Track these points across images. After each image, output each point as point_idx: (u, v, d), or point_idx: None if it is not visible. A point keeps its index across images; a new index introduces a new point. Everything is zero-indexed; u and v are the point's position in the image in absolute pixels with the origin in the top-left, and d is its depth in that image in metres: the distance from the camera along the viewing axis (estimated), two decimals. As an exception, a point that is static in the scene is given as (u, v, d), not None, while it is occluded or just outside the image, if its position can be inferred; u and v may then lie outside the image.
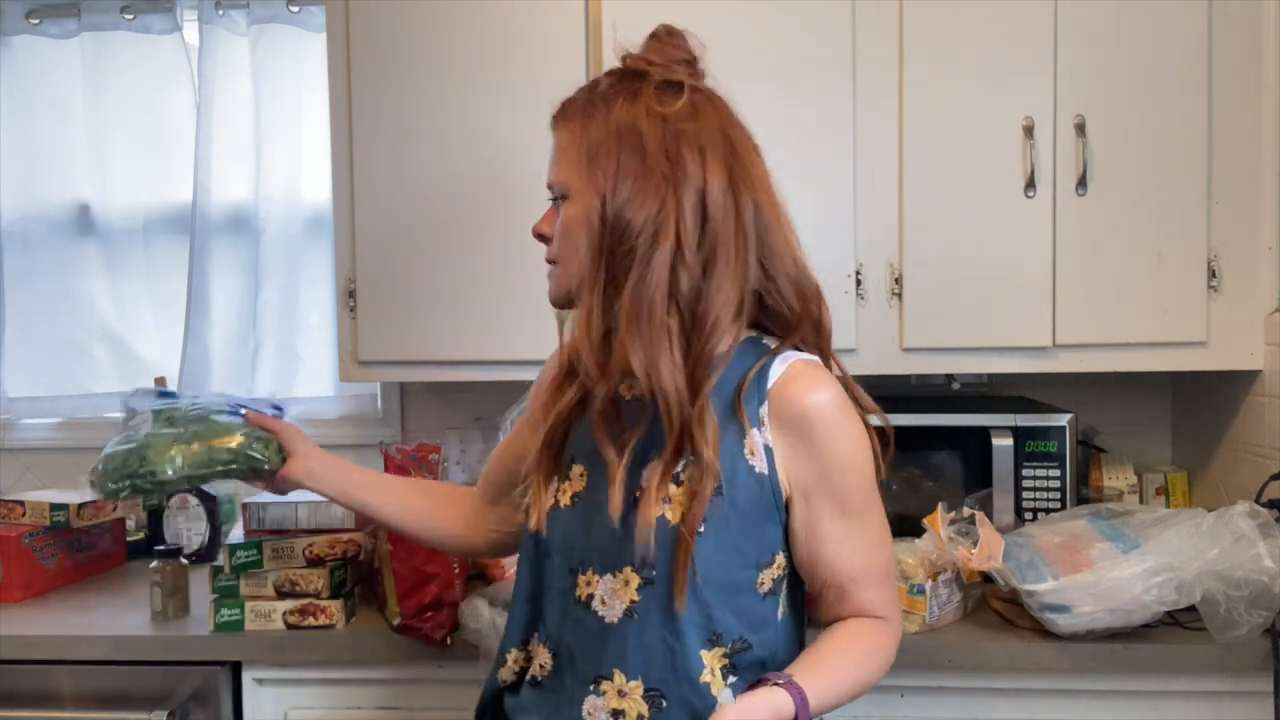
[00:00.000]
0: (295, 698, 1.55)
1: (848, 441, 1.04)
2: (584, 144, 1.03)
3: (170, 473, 1.21)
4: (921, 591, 1.45)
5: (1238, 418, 1.73)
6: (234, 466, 1.23)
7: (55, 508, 1.77)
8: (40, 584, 1.76)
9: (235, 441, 1.23)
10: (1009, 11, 1.63)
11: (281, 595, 1.53)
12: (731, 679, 1.02)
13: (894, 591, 1.11)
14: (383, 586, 1.57)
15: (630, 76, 1.07)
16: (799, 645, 1.10)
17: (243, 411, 1.26)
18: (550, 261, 1.09)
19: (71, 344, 2.22)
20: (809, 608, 1.15)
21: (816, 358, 1.07)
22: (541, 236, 1.10)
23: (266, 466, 1.23)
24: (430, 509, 1.29)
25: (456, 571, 1.50)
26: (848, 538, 1.05)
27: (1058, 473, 1.66)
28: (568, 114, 1.08)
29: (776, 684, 0.96)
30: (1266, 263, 1.62)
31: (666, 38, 1.09)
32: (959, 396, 1.91)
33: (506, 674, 1.12)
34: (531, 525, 1.09)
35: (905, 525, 1.54)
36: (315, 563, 1.53)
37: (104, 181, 2.19)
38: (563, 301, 1.09)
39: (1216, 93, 1.61)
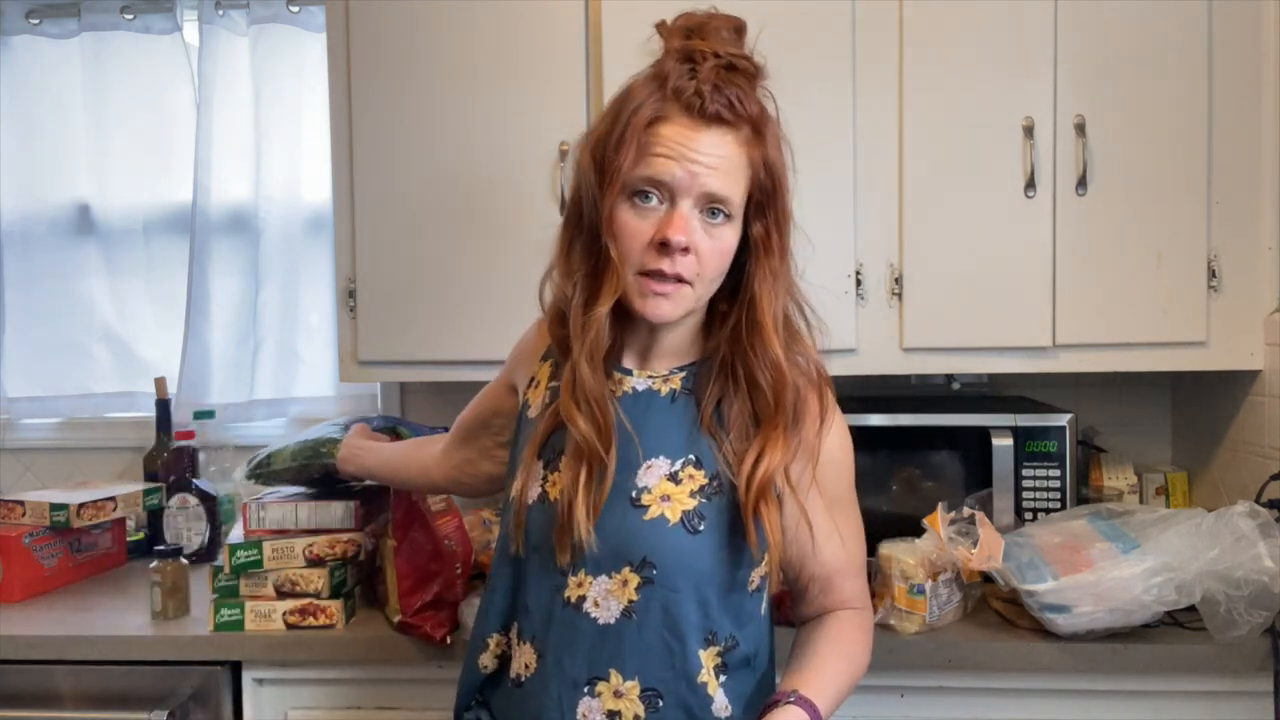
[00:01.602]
0: (295, 698, 1.55)
1: (841, 439, 1.10)
2: (758, 167, 1.00)
3: (275, 465, 1.58)
4: (921, 591, 1.45)
5: (1238, 418, 1.73)
6: (309, 460, 1.54)
7: (55, 508, 1.77)
8: (40, 584, 1.76)
9: (312, 443, 1.56)
10: (1009, 11, 1.63)
11: (281, 595, 1.53)
12: (723, 678, 1.03)
13: (866, 581, 1.16)
14: (384, 584, 1.57)
15: (750, 79, 1.00)
16: (771, 639, 1.12)
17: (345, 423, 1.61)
18: (677, 280, 0.99)
19: (71, 344, 2.22)
20: (787, 606, 1.18)
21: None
22: (685, 250, 0.97)
23: (329, 460, 1.52)
24: (410, 457, 1.45)
25: (458, 571, 1.50)
26: (835, 532, 1.10)
27: (1058, 473, 1.66)
28: (738, 115, 0.97)
29: (789, 702, 0.98)
30: (1266, 263, 1.62)
31: (741, 36, 1.03)
32: (959, 396, 1.91)
33: (488, 659, 1.11)
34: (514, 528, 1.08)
35: (905, 525, 1.55)
36: (315, 563, 1.53)
37: (104, 181, 2.20)
38: (673, 321, 1.02)
39: (1216, 93, 1.61)
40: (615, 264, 0.99)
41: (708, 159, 0.96)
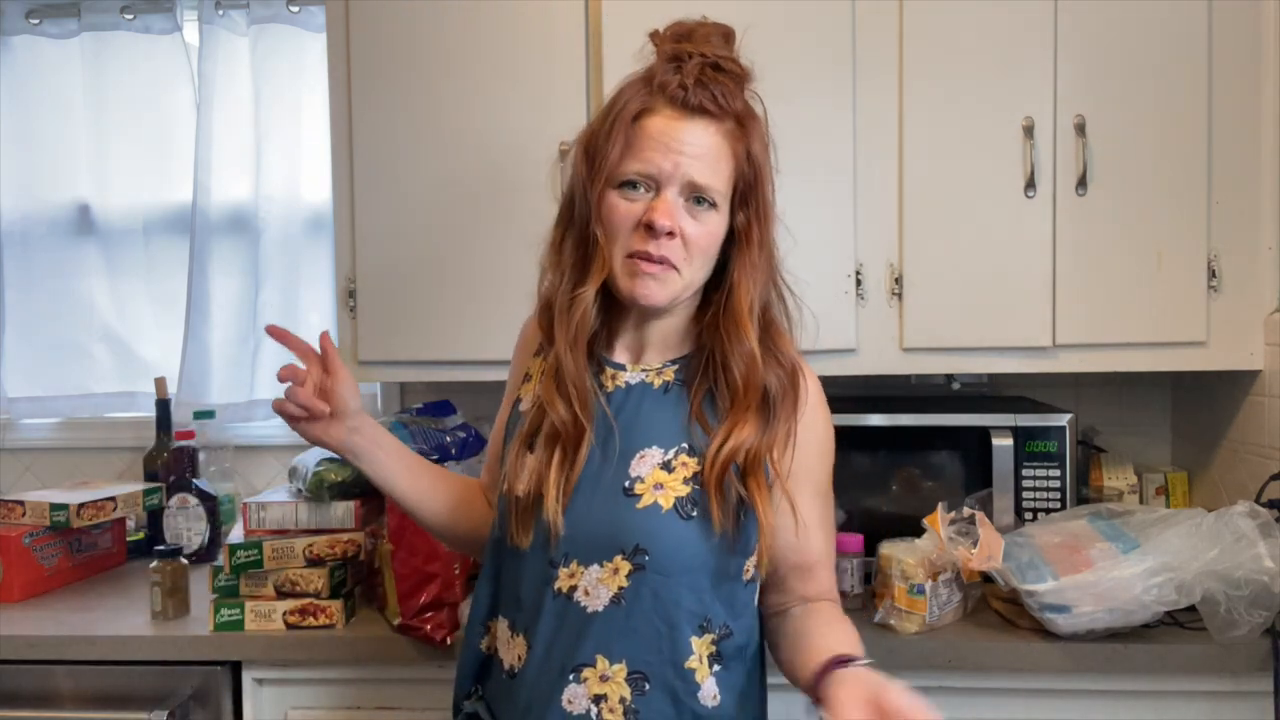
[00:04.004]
0: (295, 698, 1.55)
1: (825, 427, 1.12)
2: (740, 159, 1.03)
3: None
4: (921, 591, 1.45)
5: (1238, 418, 1.73)
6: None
7: (55, 508, 1.77)
8: (40, 584, 1.76)
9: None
10: (1009, 11, 1.63)
11: (281, 595, 1.53)
12: (716, 668, 1.03)
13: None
14: (383, 586, 1.57)
15: (736, 79, 1.04)
16: (761, 633, 1.13)
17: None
18: (663, 262, 1.02)
19: (71, 344, 2.22)
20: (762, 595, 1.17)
21: None
22: (670, 234, 1.01)
23: None
24: (456, 497, 1.22)
25: (457, 571, 1.50)
26: (819, 521, 1.11)
27: (1058, 473, 1.66)
28: (720, 108, 1.01)
29: (866, 664, 0.96)
30: (1266, 263, 1.62)
31: (730, 41, 1.07)
32: (959, 396, 1.91)
33: (491, 641, 1.13)
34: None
35: (905, 525, 1.55)
36: (315, 563, 1.53)
37: (104, 181, 2.19)
38: (663, 306, 1.05)
39: (1216, 92, 1.61)
40: (603, 247, 1.03)
41: (691, 148, 1.00)
